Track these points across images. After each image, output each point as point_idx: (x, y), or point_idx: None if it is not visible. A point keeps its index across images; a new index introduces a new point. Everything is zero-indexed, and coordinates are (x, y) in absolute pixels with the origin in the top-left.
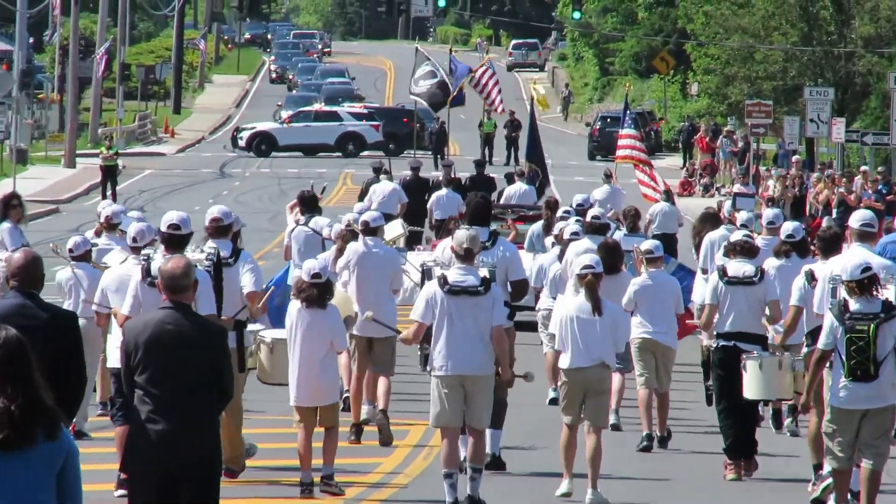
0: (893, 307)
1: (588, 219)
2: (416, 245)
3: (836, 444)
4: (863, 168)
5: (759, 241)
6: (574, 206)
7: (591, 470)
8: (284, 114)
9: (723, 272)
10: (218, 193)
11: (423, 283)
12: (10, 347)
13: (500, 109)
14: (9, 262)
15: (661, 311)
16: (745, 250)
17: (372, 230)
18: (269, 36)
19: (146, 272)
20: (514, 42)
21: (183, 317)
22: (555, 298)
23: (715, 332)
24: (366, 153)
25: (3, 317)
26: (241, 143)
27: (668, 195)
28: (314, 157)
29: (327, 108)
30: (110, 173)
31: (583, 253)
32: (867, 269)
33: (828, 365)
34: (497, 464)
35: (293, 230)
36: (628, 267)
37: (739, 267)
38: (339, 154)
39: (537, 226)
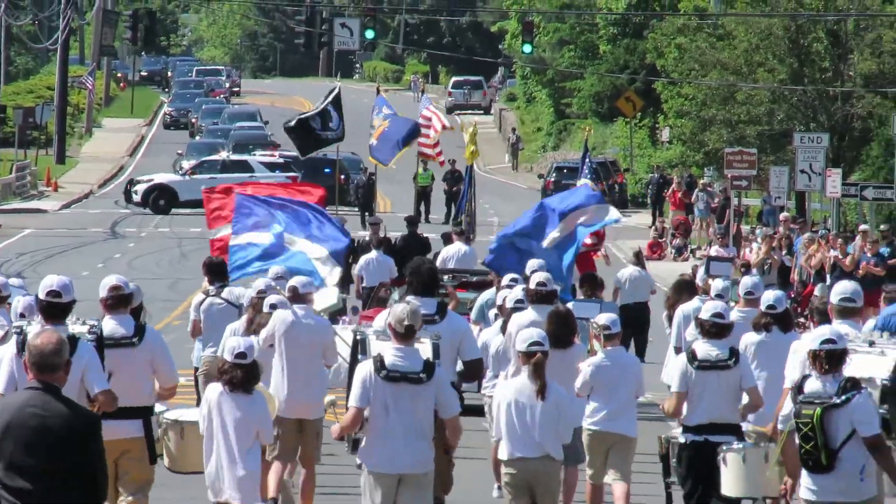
0: (854, 388)
1: (533, 286)
2: (340, 317)
3: None
4: (862, 227)
5: (736, 313)
6: (529, 272)
7: None
8: (186, 164)
9: (692, 355)
10: (109, 256)
11: (354, 356)
12: None
13: (440, 160)
14: (28, 346)
15: (620, 396)
16: (716, 332)
17: (301, 297)
18: (168, 73)
19: (21, 346)
20: (454, 80)
21: (51, 400)
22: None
23: (683, 424)
24: None
25: (14, 414)
26: (136, 197)
27: (639, 258)
28: None
29: (236, 157)
30: None
31: (527, 325)
32: (830, 341)
33: None
34: None
35: (202, 302)
36: (581, 338)
37: (711, 349)
38: None
39: (488, 294)
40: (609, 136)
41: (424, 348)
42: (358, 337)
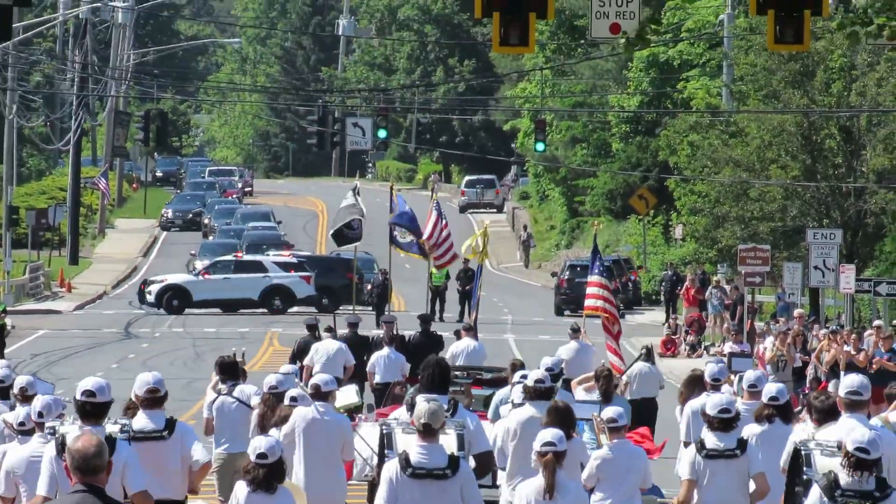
0: (888, 486)
1: (531, 383)
2: (356, 414)
3: None
4: (876, 323)
5: (740, 405)
6: (543, 370)
7: None
8: (199, 264)
9: (701, 445)
10: (123, 357)
11: (382, 450)
12: None
13: (446, 261)
14: (68, 450)
15: (626, 488)
16: (722, 426)
17: (323, 395)
18: (182, 173)
19: (61, 447)
20: (467, 178)
21: (97, 502)
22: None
23: None
24: (295, 309)
25: None
26: (150, 298)
27: (649, 354)
28: (235, 313)
29: (249, 258)
30: None
31: (525, 421)
32: (863, 450)
33: None
34: None
35: (214, 401)
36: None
37: (719, 439)
38: (265, 310)
39: (503, 392)
40: (622, 234)
41: (449, 440)
42: (384, 431)
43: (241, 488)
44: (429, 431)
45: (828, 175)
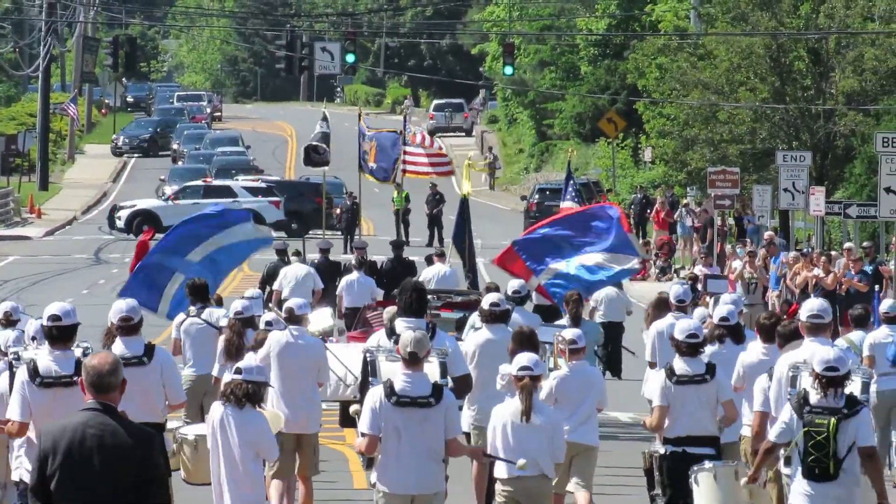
0: (858, 402)
1: (486, 306)
2: (327, 337)
3: None
4: (846, 245)
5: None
6: (510, 293)
7: None
8: (169, 189)
9: (671, 371)
10: (94, 282)
11: (365, 376)
12: None
13: (394, 178)
14: (84, 366)
15: (583, 408)
16: (691, 350)
17: (297, 318)
18: (151, 98)
19: (33, 372)
20: (435, 102)
21: (109, 419)
22: None
23: (665, 437)
24: None
25: (74, 435)
26: (120, 223)
27: None
28: None
29: (219, 183)
30: None
31: (482, 344)
32: (833, 368)
33: (784, 462)
34: None
35: (182, 322)
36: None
37: (687, 364)
38: None
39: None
40: (591, 157)
41: (432, 367)
42: (368, 358)
43: (216, 409)
44: (414, 360)
45: (797, 97)
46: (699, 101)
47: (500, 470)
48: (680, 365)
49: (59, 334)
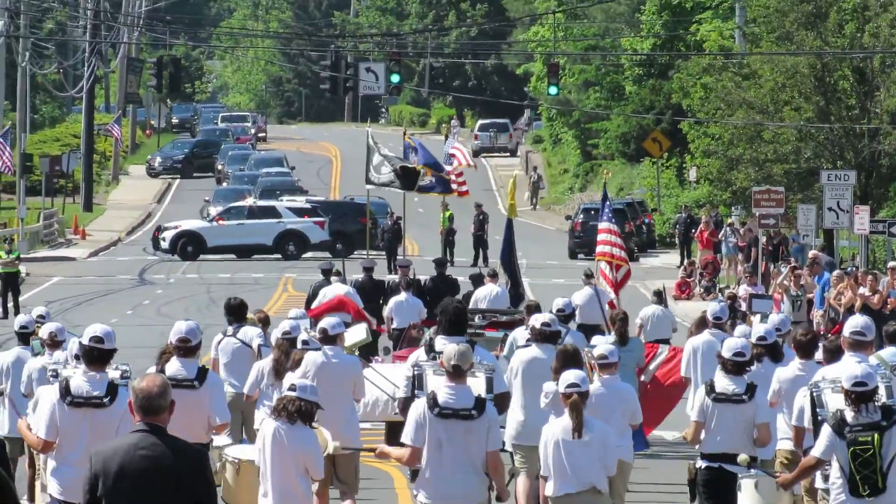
0: (894, 412)
1: (538, 325)
2: (372, 356)
3: None
4: (890, 264)
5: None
6: (554, 311)
7: None
8: (213, 210)
9: (711, 387)
10: (138, 303)
11: (412, 390)
12: None
13: (463, 189)
14: (133, 389)
15: (616, 423)
16: (735, 369)
17: (331, 338)
18: (196, 119)
19: (65, 391)
20: (480, 123)
21: (158, 441)
22: None
23: (701, 452)
24: (309, 254)
25: (125, 457)
26: (164, 244)
27: (661, 297)
28: (249, 259)
29: (263, 203)
30: (11, 282)
31: (528, 362)
32: (861, 383)
33: (822, 478)
34: None
35: (220, 342)
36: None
37: (729, 383)
38: (279, 256)
39: (519, 332)
40: (636, 177)
41: (478, 383)
42: (416, 372)
43: (268, 425)
44: (457, 373)
45: (841, 116)
46: (744, 121)
47: (550, 489)
48: (722, 382)
49: (98, 356)
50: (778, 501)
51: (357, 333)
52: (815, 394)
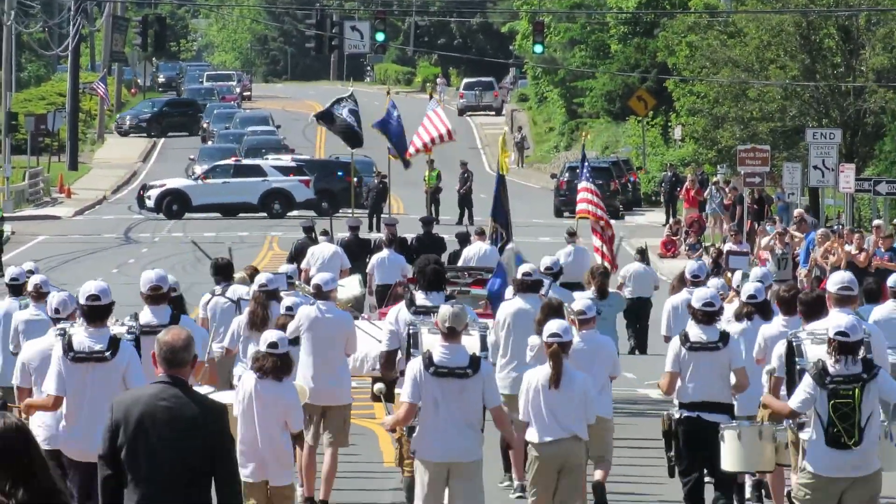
0: (874, 365)
1: (519, 276)
2: (361, 314)
3: None
4: (875, 222)
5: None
6: (542, 269)
7: None
8: (199, 169)
9: (685, 337)
10: (123, 262)
11: (408, 349)
12: (9, 438)
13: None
14: (157, 341)
15: (595, 378)
16: (706, 319)
17: (325, 294)
18: (181, 78)
19: (68, 347)
20: (465, 81)
21: (180, 393)
22: (494, 364)
23: (679, 402)
24: (294, 213)
25: (146, 407)
26: (149, 203)
27: (644, 255)
28: (234, 217)
29: (249, 162)
30: None
31: (513, 313)
32: (844, 333)
33: (798, 427)
34: None
35: (208, 301)
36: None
37: (702, 332)
38: (264, 214)
39: (508, 290)
40: (621, 135)
41: (472, 341)
42: (411, 331)
43: (248, 379)
44: (452, 333)
45: (827, 75)
46: (729, 79)
47: (532, 435)
48: (694, 332)
49: (97, 312)
50: (761, 452)
51: (351, 287)
52: (794, 343)
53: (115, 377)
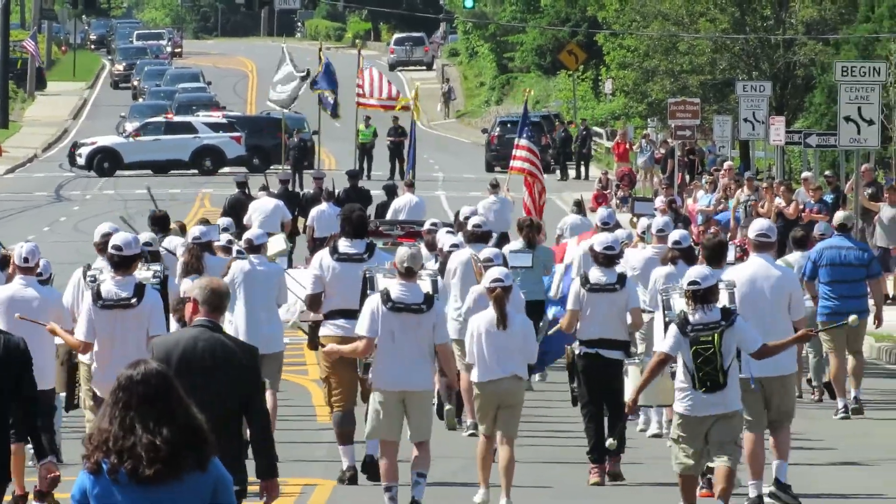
0: (732, 313)
1: (469, 227)
2: (294, 266)
3: (683, 450)
4: (804, 174)
5: (650, 249)
6: (462, 218)
7: (505, 480)
8: (130, 126)
9: (585, 279)
10: (55, 220)
11: (364, 290)
12: (152, 382)
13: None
14: (201, 287)
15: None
16: (606, 261)
17: (256, 248)
18: (111, 36)
19: (97, 295)
20: (396, 36)
21: (219, 336)
22: None
23: (578, 339)
24: (226, 169)
25: (186, 348)
26: (80, 160)
27: (580, 206)
28: (166, 175)
29: (180, 119)
30: None
31: (465, 261)
32: (695, 283)
33: (672, 375)
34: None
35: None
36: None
37: (602, 275)
38: (195, 171)
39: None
40: (552, 90)
41: (425, 283)
42: (367, 275)
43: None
44: (409, 273)
45: (756, 27)
46: (659, 33)
47: (475, 375)
48: (595, 274)
49: (121, 262)
50: (662, 386)
51: (277, 244)
52: (664, 297)
53: (142, 322)
